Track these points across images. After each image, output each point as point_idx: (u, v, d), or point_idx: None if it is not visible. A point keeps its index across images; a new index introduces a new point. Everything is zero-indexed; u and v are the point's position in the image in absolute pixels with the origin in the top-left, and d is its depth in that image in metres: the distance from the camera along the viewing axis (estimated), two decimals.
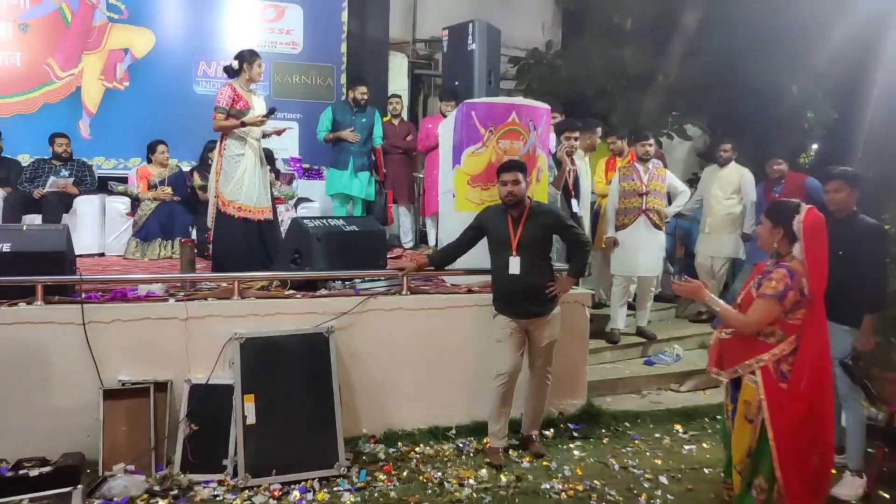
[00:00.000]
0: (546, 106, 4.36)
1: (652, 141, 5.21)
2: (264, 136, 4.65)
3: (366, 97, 6.11)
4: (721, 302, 2.82)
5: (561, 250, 4.32)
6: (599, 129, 5.53)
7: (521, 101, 4.23)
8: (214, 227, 4.60)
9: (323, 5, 7.62)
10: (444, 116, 6.15)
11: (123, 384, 3.39)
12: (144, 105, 6.94)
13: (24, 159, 6.25)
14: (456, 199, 4.22)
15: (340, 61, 7.74)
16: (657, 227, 5.17)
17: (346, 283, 3.95)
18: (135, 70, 6.99)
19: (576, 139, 4.92)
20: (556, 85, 8.80)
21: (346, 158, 6.02)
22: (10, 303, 3.31)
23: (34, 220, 5.46)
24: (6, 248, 3.37)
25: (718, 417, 4.36)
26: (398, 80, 8.25)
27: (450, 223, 4.30)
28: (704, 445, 3.97)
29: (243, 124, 4.41)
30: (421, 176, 7.08)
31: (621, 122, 8.20)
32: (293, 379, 3.52)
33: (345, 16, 7.71)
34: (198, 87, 7.20)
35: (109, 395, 3.35)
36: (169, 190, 5.84)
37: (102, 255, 5.76)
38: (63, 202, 5.63)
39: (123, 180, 6.25)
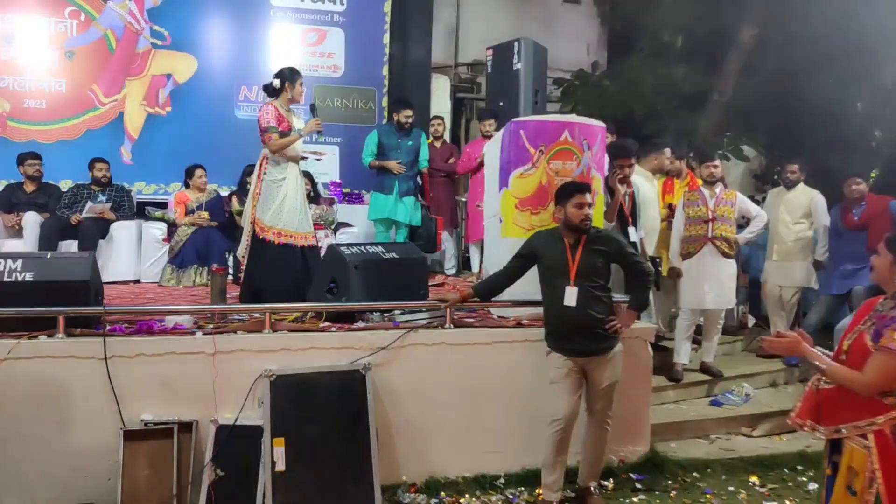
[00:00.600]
0: (601, 123, 4.03)
1: (717, 162, 4.80)
2: (301, 158, 4.45)
3: (410, 120, 5.88)
4: (827, 359, 2.31)
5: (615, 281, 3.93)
6: (668, 150, 4.94)
7: (574, 118, 3.91)
8: (249, 254, 4.38)
9: (365, 28, 7.48)
10: (486, 138, 5.91)
11: (146, 424, 3.15)
12: (185, 130, 6.88)
13: (66, 185, 6.21)
14: (503, 225, 3.90)
15: (382, 84, 7.58)
16: (726, 255, 4.74)
17: (385, 315, 3.66)
18: (177, 95, 6.94)
19: (629, 167, 4.26)
20: (604, 106, 8.48)
21: (391, 182, 5.79)
22: (30, 335, 3.12)
23: (70, 246, 5.38)
24: (28, 277, 3.19)
25: (800, 468, 3.89)
26: (441, 102, 8.04)
27: (496, 250, 3.98)
28: (787, 503, 3.50)
29: (300, 134, 4.23)
30: (464, 200, 6.81)
31: (674, 142, 7.84)
32: (327, 420, 3.22)
33: (386, 38, 7.56)
34: (239, 112, 7.12)
35: (131, 436, 3.11)
36: (206, 215, 5.69)
37: (138, 281, 5.63)
38: (99, 228, 5.52)
39: (163, 205, 6.16)
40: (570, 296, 3.17)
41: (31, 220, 5.35)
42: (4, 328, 3.14)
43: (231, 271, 5.49)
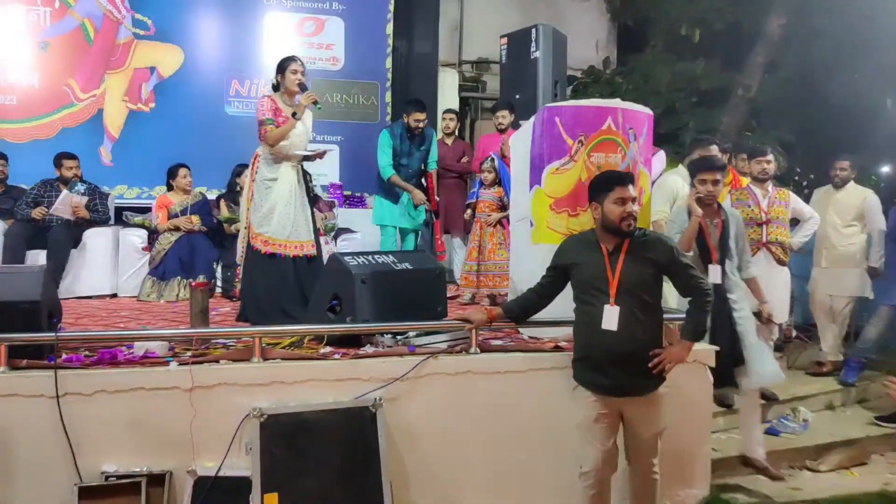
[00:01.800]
0: (647, 110, 3.46)
1: (770, 157, 4.22)
2: (304, 159, 3.90)
3: (422, 125, 5.02)
4: None
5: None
6: (714, 146, 4.19)
7: (619, 103, 3.33)
8: (244, 263, 3.83)
9: (366, 17, 6.93)
10: (500, 132, 5.35)
11: (107, 477, 2.56)
12: (171, 128, 6.31)
13: None
14: (534, 229, 3.32)
15: (385, 78, 7.02)
16: (781, 262, 4.18)
17: (398, 337, 3.08)
18: (161, 90, 6.37)
19: (714, 183, 3.36)
20: None
21: (399, 188, 5.16)
22: None
23: (37, 256, 4.78)
24: None
25: None
26: (449, 98, 7.47)
27: (527, 259, 3.40)
28: None
29: (294, 115, 3.72)
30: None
31: (695, 140, 7.36)
32: (329, 470, 2.64)
33: (390, 28, 7.01)
34: (229, 108, 6.55)
35: (88, 492, 2.51)
36: (195, 219, 5.09)
37: (115, 295, 5.03)
38: (72, 235, 4.90)
39: (145, 211, 5.56)
40: (610, 317, 2.55)
41: None
42: None
43: (219, 284, 4.91)
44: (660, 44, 9.44)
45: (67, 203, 4.89)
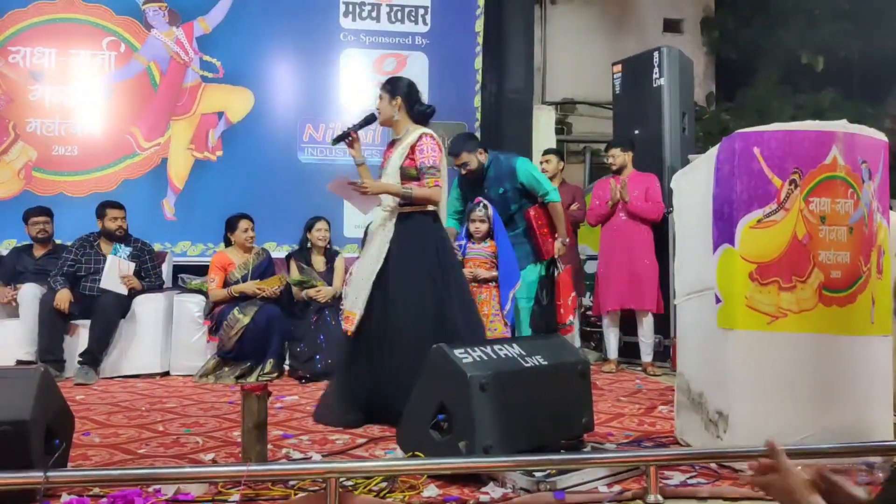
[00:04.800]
0: (881, 135, 2.42)
1: None
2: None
3: (465, 169, 3.95)
4: None
5: None
6: None
7: (845, 125, 2.32)
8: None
9: (452, 52, 6.18)
10: (615, 174, 4.40)
11: None
12: (239, 178, 5.66)
13: None
14: (723, 307, 2.31)
15: (474, 118, 6.21)
16: None
17: (535, 475, 2.09)
18: (229, 137, 5.76)
19: None
20: None
21: None
22: None
23: (78, 328, 4.09)
24: None
25: None
26: (543, 137, 6.59)
27: (709, 350, 2.38)
28: None
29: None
30: (584, 257, 5.26)
31: None
32: None
33: (479, 63, 6.22)
34: (302, 155, 5.87)
35: None
36: (276, 282, 4.26)
37: (167, 374, 4.27)
38: (121, 303, 4.19)
39: (205, 271, 4.83)
40: None
41: (29, 294, 4.07)
42: None
43: (287, 364, 4.08)
44: (774, 75, 8.56)
45: (116, 273, 4.16)
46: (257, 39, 5.80)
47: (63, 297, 4.02)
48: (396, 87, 3.00)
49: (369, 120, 3.02)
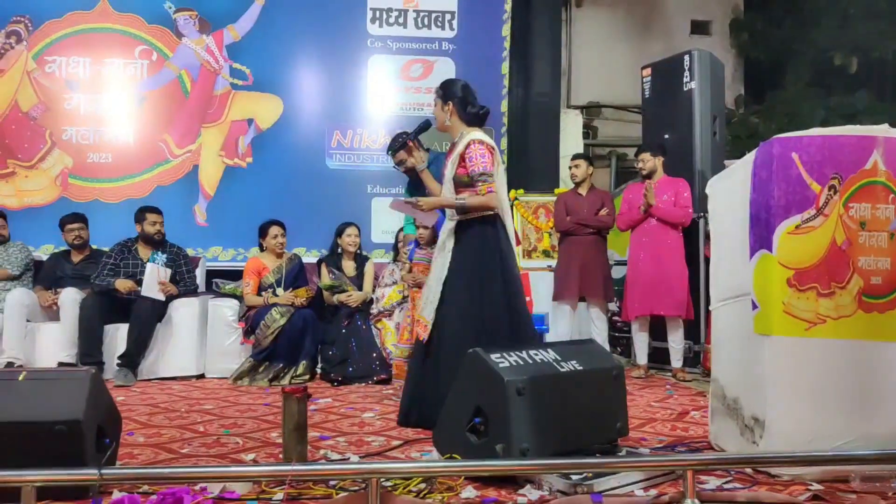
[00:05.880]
0: None
1: None
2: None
3: (408, 166, 3.65)
4: None
5: None
6: None
7: (886, 130, 2.31)
8: None
9: (478, 58, 6.21)
10: (645, 178, 4.41)
11: None
12: (269, 184, 5.77)
13: None
14: (760, 314, 2.30)
15: (501, 123, 6.23)
16: None
17: (572, 478, 2.11)
18: (259, 143, 5.86)
19: None
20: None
21: None
22: None
23: (116, 330, 4.19)
24: None
25: None
26: (571, 142, 6.59)
27: (745, 355, 2.37)
28: None
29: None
30: (612, 263, 5.24)
31: None
32: None
33: (505, 68, 6.25)
34: (331, 161, 5.95)
35: None
36: (304, 293, 4.34)
37: (202, 376, 4.35)
38: (157, 308, 4.29)
39: (239, 275, 4.91)
40: None
41: (70, 299, 4.18)
42: None
43: (320, 367, 4.14)
44: (804, 77, 8.44)
45: (155, 280, 4.24)
46: (286, 47, 5.89)
47: (125, 282, 4.17)
48: (448, 92, 2.98)
49: (424, 127, 3.04)
